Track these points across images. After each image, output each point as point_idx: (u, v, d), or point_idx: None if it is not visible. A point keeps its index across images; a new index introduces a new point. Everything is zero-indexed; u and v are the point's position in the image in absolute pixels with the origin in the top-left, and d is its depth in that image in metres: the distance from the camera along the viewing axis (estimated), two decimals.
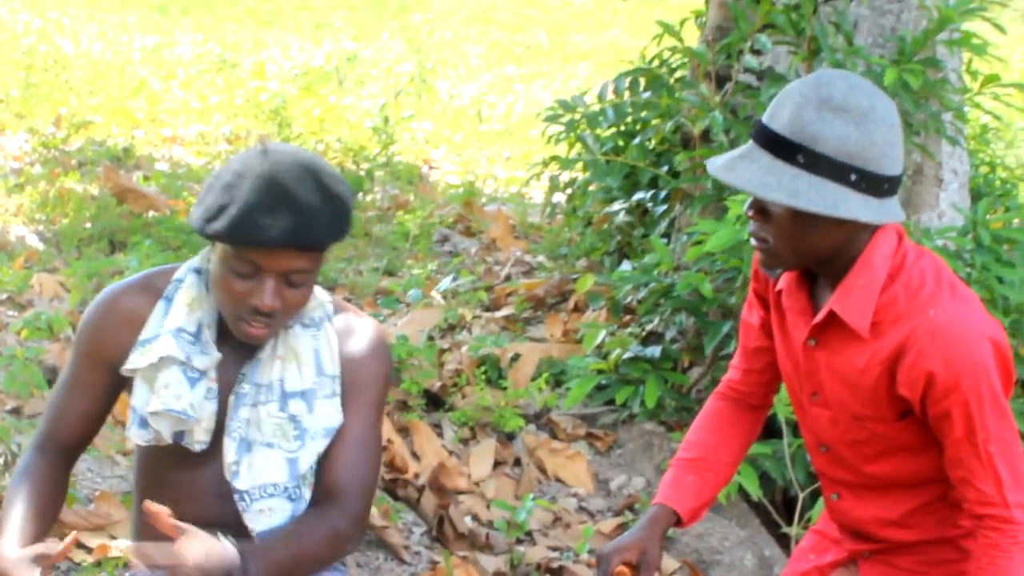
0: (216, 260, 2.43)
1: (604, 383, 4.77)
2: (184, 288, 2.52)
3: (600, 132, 5.40)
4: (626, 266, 5.08)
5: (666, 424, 4.71)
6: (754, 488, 4.17)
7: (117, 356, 2.51)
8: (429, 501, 4.21)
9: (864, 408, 2.49)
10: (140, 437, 2.51)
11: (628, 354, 4.75)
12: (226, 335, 2.52)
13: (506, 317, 5.55)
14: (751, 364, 2.73)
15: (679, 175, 4.98)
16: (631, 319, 5.05)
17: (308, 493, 2.53)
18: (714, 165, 2.41)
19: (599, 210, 5.65)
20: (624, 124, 5.43)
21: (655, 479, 4.52)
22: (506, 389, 4.81)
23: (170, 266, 2.59)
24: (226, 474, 2.49)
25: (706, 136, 4.76)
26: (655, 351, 4.74)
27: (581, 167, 5.46)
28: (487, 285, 5.95)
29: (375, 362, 2.56)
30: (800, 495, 4.15)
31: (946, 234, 4.40)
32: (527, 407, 4.83)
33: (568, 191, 5.78)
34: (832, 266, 2.44)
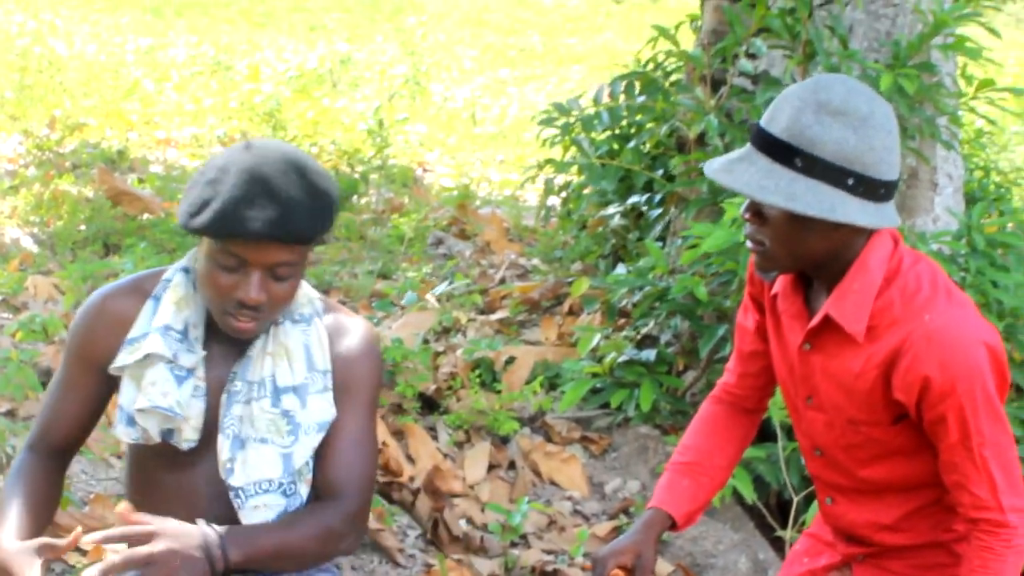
0: (202, 256, 2.44)
1: (599, 386, 4.77)
2: (172, 287, 2.52)
3: (595, 135, 5.40)
4: (621, 269, 5.07)
5: (661, 428, 4.71)
6: (748, 491, 4.17)
7: (107, 358, 2.52)
8: (424, 504, 4.21)
9: (859, 412, 2.49)
10: (128, 435, 2.51)
11: (623, 357, 4.75)
12: (216, 334, 2.52)
13: (501, 320, 5.54)
14: (746, 368, 2.74)
15: (674, 179, 4.98)
16: (626, 322, 5.06)
17: (304, 489, 2.52)
18: (711, 168, 2.41)
19: (594, 213, 5.65)
20: (619, 127, 5.42)
21: (650, 482, 4.52)
22: (501, 392, 4.81)
23: (160, 268, 2.59)
24: (221, 472, 2.49)
25: (701, 140, 4.76)
26: (650, 354, 4.74)
27: (576, 170, 5.45)
28: (482, 288, 5.95)
29: (367, 360, 2.56)
30: (794, 499, 4.15)
31: (941, 238, 4.40)
32: (522, 410, 4.83)
33: (563, 194, 5.77)
34: (828, 270, 2.44)
